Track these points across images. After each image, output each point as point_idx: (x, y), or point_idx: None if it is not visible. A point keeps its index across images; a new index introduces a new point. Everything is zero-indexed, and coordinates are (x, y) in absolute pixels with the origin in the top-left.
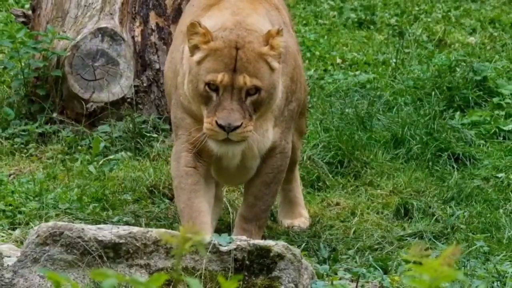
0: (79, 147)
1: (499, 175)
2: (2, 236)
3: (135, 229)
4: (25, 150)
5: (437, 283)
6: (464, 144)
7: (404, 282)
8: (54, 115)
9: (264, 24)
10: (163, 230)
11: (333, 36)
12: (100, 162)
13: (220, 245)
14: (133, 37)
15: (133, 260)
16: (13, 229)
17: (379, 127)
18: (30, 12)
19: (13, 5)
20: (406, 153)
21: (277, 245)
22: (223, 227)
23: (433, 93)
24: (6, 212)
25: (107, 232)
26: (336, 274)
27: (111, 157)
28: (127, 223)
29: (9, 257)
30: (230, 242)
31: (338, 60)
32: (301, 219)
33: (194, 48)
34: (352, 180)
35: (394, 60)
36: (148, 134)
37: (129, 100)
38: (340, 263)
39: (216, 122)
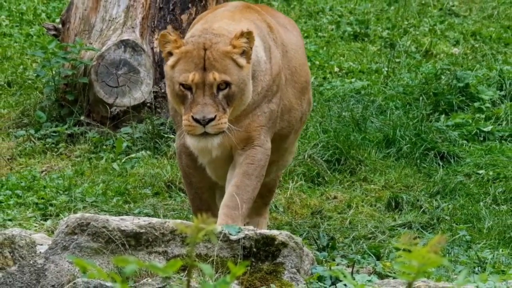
0: (104, 147)
1: (480, 171)
2: (35, 226)
3: (154, 220)
4: (56, 149)
5: (425, 268)
6: (448, 144)
7: (395, 268)
8: (82, 118)
9: (234, 29)
10: (179, 221)
11: (331, 47)
12: (123, 160)
13: (230, 234)
14: (152, 48)
15: (152, 248)
16: (45, 220)
17: (372, 129)
18: (60, 26)
19: (45, 19)
20: (396, 152)
21: (281, 234)
22: None
23: (420, 98)
24: (38, 204)
25: (129, 222)
26: (334, 260)
27: (132, 155)
28: (147, 215)
29: (41, 245)
30: (239, 232)
31: (336, 69)
32: None
33: (168, 55)
34: (348, 176)
35: (386, 69)
36: (165, 135)
37: (148, 104)
38: (338, 250)
39: (192, 117)
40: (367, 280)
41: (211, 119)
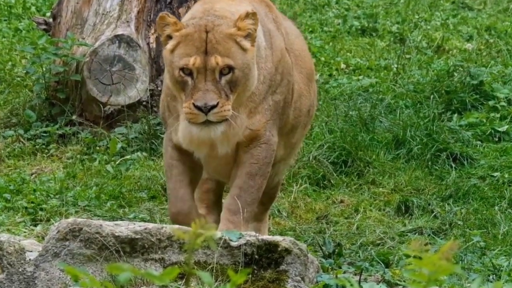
0: (97, 148)
1: (495, 174)
2: (25, 232)
3: (150, 225)
4: (46, 151)
5: (436, 276)
6: (461, 145)
7: (405, 276)
8: (74, 117)
9: (237, 10)
10: (176, 226)
11: (337, 42)
12: (117, 162)
13: (231, 240)
14: (148, 44)
15: (148, 254)
16: (35, 225)
17: (381, 129)
18: (51, 20)
19: (35, 13)
20: (406, 153)
21: (284, 241)
22: None
23: (432, 96)
24: (28, 209)
25: (124, 228)
26: (340, 268)
27: (127, 157)
28: (142, 220)
29: (31, 251)
30: (240, 238)
31: (343, 65)
32: None
33: (167, 38)
34: (355, 179)
35: (395, 66)
36: (162, 135)
37: (144, 103)
38: (344, 257)
39: (193, 104)
40: None
41: (214, 106)
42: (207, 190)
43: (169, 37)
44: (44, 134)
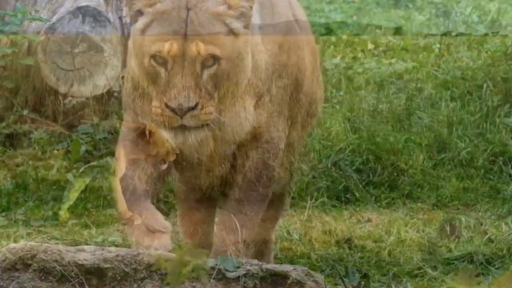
0: (55, 151)
1: None
2: None
3: (123, 251)
4: None
5: None
6: None
7: None
8: (25, 112)
9: None
10: (158, 252)
11: (363, 16)
12: (81, 170)
13: (227, 270)
14: (120, 18)
15: None
16: None
17: (419, 127)
18: None
19: None
20: (452, 159)
21: (295, 270)
22: None
23: (485, 85)
24: None
25: (89, 254)
26: None
27: (94, 163)
28: (113, 244)
29: None
30: (238, 267)
31: (370, 46)
32: None
33: (137, 15)
34: (387, 191)
35: (438, 46)
36: None
37: (115, 94)
38: None
39: (166, 104)
40: None
41: (191, 108)
42: (195, 222)
43: (140, 12)
44: None
